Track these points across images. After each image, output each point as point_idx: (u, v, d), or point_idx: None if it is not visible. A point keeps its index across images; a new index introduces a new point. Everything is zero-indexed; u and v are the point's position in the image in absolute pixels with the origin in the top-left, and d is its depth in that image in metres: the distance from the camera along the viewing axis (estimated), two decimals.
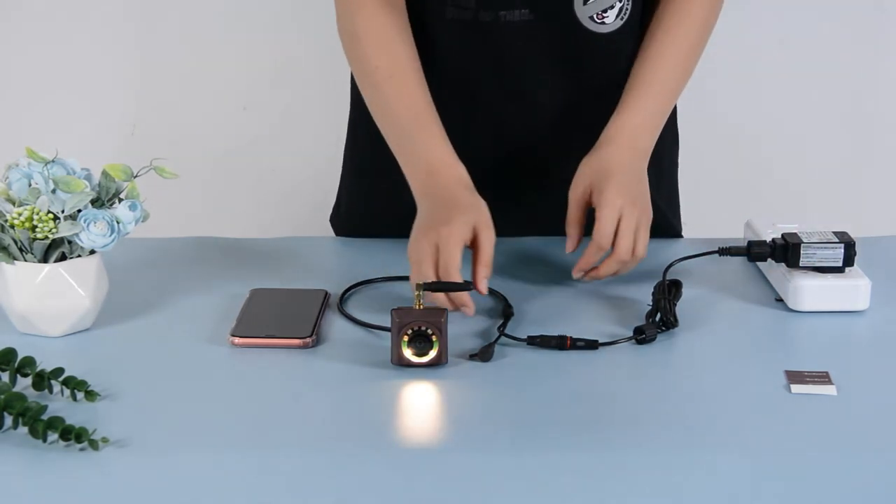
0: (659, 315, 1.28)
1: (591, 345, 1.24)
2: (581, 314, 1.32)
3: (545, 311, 1.33)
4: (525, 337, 1.25)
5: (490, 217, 1.32)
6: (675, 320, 1.28)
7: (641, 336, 1.25)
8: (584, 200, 1.38)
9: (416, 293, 1.21)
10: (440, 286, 1.26)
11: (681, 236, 1.62)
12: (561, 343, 1.24)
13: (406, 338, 1.19)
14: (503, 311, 1.31)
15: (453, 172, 1.37)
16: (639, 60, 1.45)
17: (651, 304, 1.30)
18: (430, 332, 1.19)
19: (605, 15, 1.45)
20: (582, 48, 1.47)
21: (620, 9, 1.46)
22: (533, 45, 1.47)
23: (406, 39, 1.43)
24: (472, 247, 1.30)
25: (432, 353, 1.19)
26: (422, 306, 1.21)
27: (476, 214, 1.31)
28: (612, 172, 1.36)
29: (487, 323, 1.30)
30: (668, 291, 1.31)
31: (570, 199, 1.38)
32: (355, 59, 1.44)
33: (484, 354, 1.22)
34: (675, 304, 1.30)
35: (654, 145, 1.42)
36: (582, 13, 1.45)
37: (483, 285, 1.28)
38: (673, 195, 1.64)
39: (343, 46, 1.45)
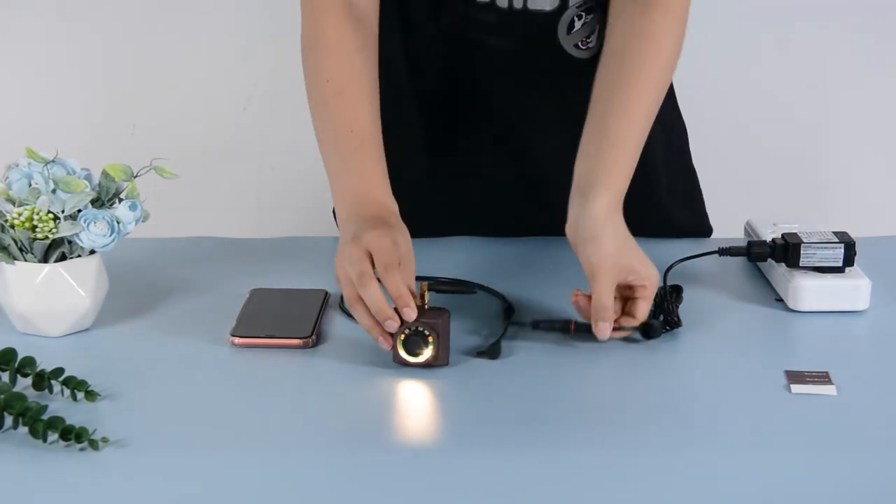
0: (662, 317, 1.28)
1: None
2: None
3: (544, 312, 1.33)
4: (530, 321, 1.25)
5: (410, 244, 1.24)
6: (679, 320, 1.28)
7: (647, 326, 1.25)
8: (618, 282, 1.25)
9: (422, 293, 1.21)
10: (444, 288, 1.25)
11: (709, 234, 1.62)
12: (566, 327, 1.24)
13: (402, 337, 1.19)
14: (504, 310, 1.31)
15: (382, 201, 1.30)
16: (610, 108, 1.32)
17: (653, 307, 1.30)
18: (426, 332, 1.19)
19: (589, 40, 1.44)
20: (564, 73, 1.46)
21: (600, 31, 1.44)
22: (516, 69, 1.46)
23: (366, 57, 1.36)
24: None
25: (427, 354, 1.19)
26: (427, 306, 1.21)
27: (403, 239, 1.24)
28: (636, 248, 1.28)
29: (489, 324, 1.30)
30: (670, 295, 1.31)
31: (604, 283, 1.23)
32: (309, 68, 1.38)
33: (492, 352, 1.22)
34: (677, 307, 1.30)
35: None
36: (567, 42, 1.44)
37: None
38: (692, 193, 1.63)
39: (301, 56, 1.39)
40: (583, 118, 1.36)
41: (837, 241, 1.34)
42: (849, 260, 1.34)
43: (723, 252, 1.40)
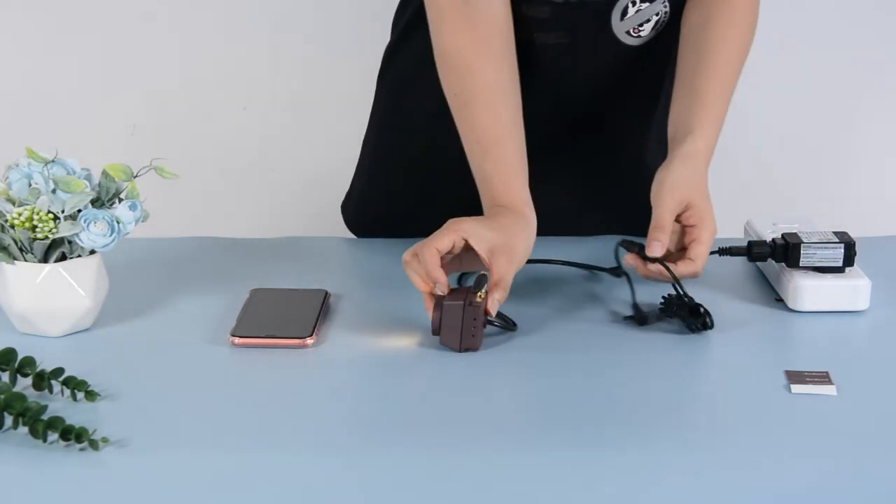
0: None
1: (641, 321, 1.29)
2: (594, 313, 1.33)
3: (553, 309, 1.33)
4: (621, 240, 1.36)
5: (517, 252, 1.28)
6: (712, 322, 1.28)
7: (694, 313, 1.27)
8: (678, 211, 1.33)
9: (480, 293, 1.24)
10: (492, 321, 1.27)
11: None
12: (632, 247, 1.32)
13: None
14: (618, 274, 1.38)
15: (503, 203, 1.33)
16: (698, 71, 1.41)
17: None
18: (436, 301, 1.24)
19: (641, 28, 1.45)
20: (615, 61, 1.47)
21: (657, 21, 1.45)
22: (568, 63, 1.47)
23: (487, 60, 1.37)
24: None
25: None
26: (480, 296, 1.23)
27: (493, 234, 1.27)
28: (705, 194, 1.34)
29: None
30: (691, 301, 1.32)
31: (664, 204, 1.32)
32: (441, 81, 1.41)
33: (640, 318, 1.28)
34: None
35: None
36: (619, 28, 1.44)
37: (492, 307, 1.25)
38: None
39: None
40: (629, 102, 1.41)
41: (837, 241, 1.34)
42: (849, 260, 1.34)
43: (723, 252, 1.40)
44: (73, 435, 1.04)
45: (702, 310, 1.27)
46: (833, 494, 1.00)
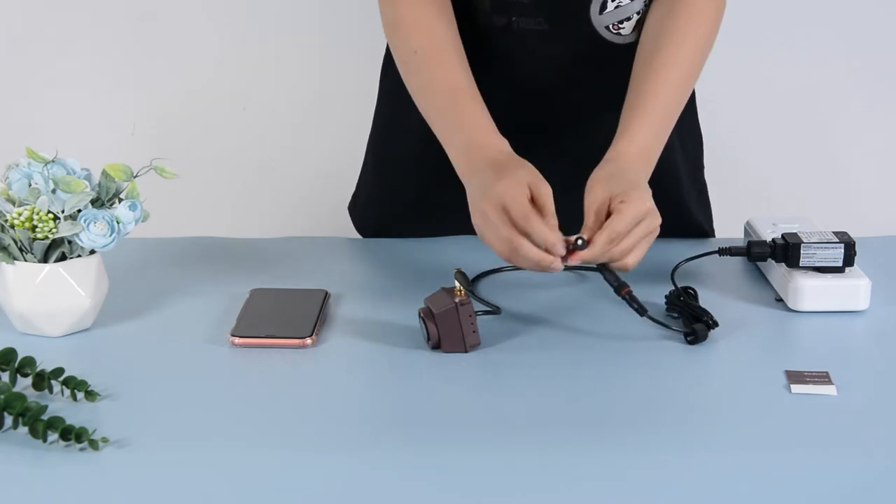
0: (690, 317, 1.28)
1: (640, 310, 1.26)
2: (595, 313, 1.33)
3: (553, 308, 1.33)
4: (595, 265, 1.27)
5: (539, 173, 1.27)
6: (715, 322, 1.27)
7: (693, 332, 1.25)
8: (603, 208, 1.27)
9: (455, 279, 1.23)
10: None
11: (713, 236, 1.63)
12: (618, 288, 1.27)
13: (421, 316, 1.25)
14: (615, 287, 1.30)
15: (493, 144, 1.33)
16: (641, 75, 1.40)
17: (673, 307, 1.30)
18: (424, 318, 1.23)
19: (621, 26, 1.45)
20: (596, 57, 1.47)
21: (638, 21, 1.45)
22: (546, 51, 1.47)
23: (446, 22, 1.40)
24: (533, 204, 1.25)
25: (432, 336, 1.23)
26: (460, 292, 1.23)
27: (525, 171, 1.26)
28: (636, 183, 1.30)
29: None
30: (689, 294, 1.31)
31: (587, 205, 1.28)
32: (397, 48, 1.42)
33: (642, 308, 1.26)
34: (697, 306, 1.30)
35: (655, 164, 1.38)
36: (598, 22, 1.44)
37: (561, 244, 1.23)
38: (703, 196, 1.65)
39: (386, 37, 1.44)
40: (608, 101, 1.41)
41: (837, 241, 1.34)
42: (849, 260, 1.34)
43: (723, 252, 1.40)
44: (73, 435, 1.04)
45: (704, 319, 1.26)
46: (833, 494, 1.00)
